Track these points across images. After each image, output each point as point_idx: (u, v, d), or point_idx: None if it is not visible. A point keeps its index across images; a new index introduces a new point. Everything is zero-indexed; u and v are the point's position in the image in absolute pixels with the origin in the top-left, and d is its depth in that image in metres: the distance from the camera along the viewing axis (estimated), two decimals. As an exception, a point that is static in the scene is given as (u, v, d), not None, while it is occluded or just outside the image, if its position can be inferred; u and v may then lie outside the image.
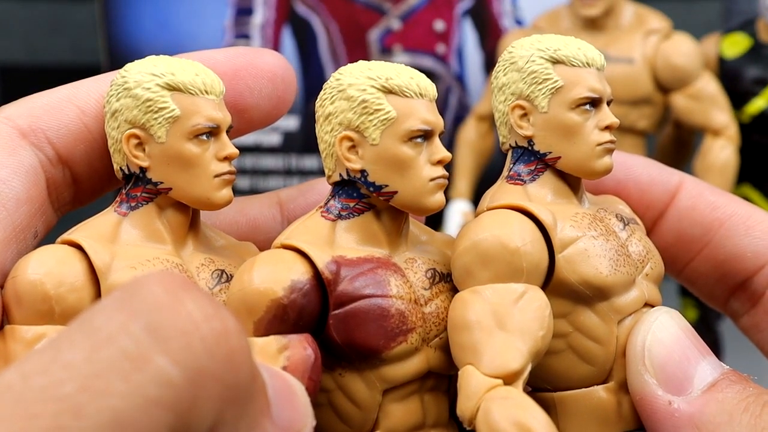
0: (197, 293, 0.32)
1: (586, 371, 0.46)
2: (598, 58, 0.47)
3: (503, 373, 0.41)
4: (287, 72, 0.53)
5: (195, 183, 0.46)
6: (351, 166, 0.45)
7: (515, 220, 0.44)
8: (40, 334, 0.43)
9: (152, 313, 0.31)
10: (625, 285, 0.45)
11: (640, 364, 0.44)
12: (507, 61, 0.48)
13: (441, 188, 0.46)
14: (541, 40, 0.47)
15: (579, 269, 0.44)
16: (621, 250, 0.46)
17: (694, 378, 0.43)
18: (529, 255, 0.43)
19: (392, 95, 0.45)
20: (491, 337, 0.42)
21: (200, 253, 0.48)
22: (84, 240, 0.45)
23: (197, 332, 0.31)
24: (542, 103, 0.46)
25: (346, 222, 0.46)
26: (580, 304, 0.45)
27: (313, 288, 0.44)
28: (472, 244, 0.44)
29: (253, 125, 0.53)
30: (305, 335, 0.43)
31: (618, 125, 0.47)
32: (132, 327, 0.31)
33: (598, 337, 0.45)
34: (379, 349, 0.43)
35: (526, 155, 0.47)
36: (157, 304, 0.31)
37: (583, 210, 0.47)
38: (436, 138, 0.46)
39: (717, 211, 0.53)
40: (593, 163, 0.47)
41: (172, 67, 0.46)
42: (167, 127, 0.45)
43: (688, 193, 0.53)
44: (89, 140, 0.49)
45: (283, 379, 0.40)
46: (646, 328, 0.45)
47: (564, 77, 0.46)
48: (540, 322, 0.43)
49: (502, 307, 0.43)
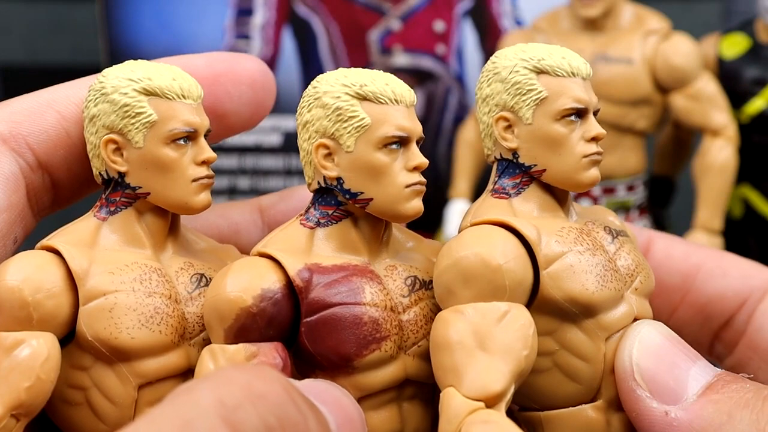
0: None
1: (574, 389, 0.45)
2: (583, 68, 0.46)
3: (484, 396, 0.40)
4: (266, 78, 0.53)
5: (173, 187, 0.46)
6: (327, 173, 0.45)
7: (497, 237, 0.43)
8: (19, 339, 0.43)
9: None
10: (613, 301, 0.44)
11: (630, 380, 0.43)
12: (490, 71, 0.46)
13: (418, 195, 0.45)
14: (525, 50, 0.46)
15: (564, 286, 0.43)
16: (609, 264, 0.44)
17: (687, 384, 0.43)
18: (512, 272, 0.42)
19: (367, 102, 0.45)
20: (472, 358, 0.41)
21: (180, 257, 0.48)
22: (62, 246, 0.45)
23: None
24: (526, 114, 0.45)
25: (325, 230, 0.46)
26: (566, 321, 0.44)
27: (285, 297, 0.44)
28: (453, 262, 0.43)
29: (232, 130, 0.53)
30: (276, 343, 0.43)
31: (605, 136, 0.46)
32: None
33: (584, 355, 0.44)
34: (351, 357, 0.43)
35: (511, 168, 0.46)
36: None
37: (570, 223, 0.45)
38: (413, 144, 0.45)
39: (691, 258, 0.54)
40: (579, 176, 0.45)
41: (149, 72, 0.46)
42: (145, 132, 0.45)
43: (660, 246, 0.54)
44: (69, 145, 0.49)
45: (345, 412, 0.41)
46: (630, 343, 0.44)
47: (548, 88, 0.45)
48: (523, 342, 0.41)
49: (484, 326, 0.42)
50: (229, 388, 0.35)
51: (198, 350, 0.46)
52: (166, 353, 0.45)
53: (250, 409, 0.35)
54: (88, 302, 0.44)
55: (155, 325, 0.44)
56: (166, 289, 0.45)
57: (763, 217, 1.15)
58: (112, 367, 0.44)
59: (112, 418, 0.45)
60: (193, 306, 0.46)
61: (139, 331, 0.44)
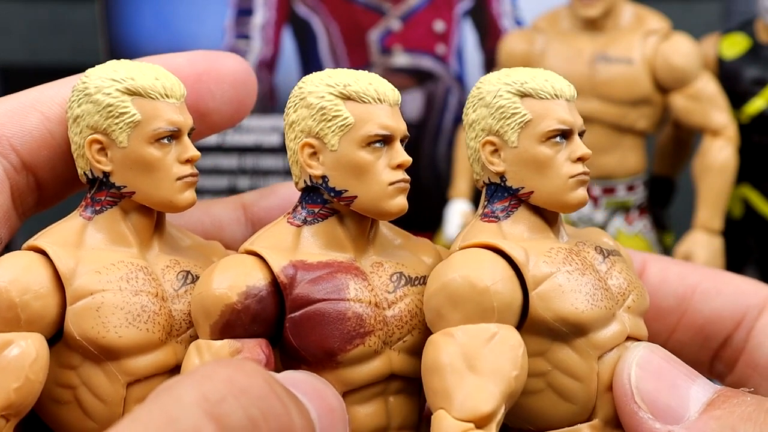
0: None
1: (568, 410, 0.45)
2: (567, 89, 0.46)
3: (474, 417, 0.40)
4: (248, 76, 0.53)
5: (157, 186, 0.46)
6: (312, 172, 0.46)
7: (485, 259, 0.44)
8: (7, 340, 0.43)
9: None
10: (604, 320, 0.44)
11: (631, 403, 0.43)
12: (475, 97, 0.47)
13: (402, 192, 0.46)
14: (509, 74, 0.47)
15: (553, 306, 0.43)
16: (598, 284, 0.44)
17: (688, 403, 0.43)
18: (500, 294, 0.43)
19: (350, 101, 0.45)
20: (462, 380, 0.41)
21: (165, 254, 0.48)
22: (48, 246, 0.45)
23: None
24: (512, 137, 0.45)
25: (311, 227, 0.46)
26: (557, 341, 0.44)
27: (270, 294, 0.44)
28: (442, 286, 0.43)
29: (214, 128, 0.54)
30: (260, 340, 0.44)
31: (590, 156, 0.46)
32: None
33: (577, 375, 0.44)
34: (335, 352, 0.44)
35: (499, 191, 0.46)
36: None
37: (560, 244, 0.46)
38: (397, 143, 0.46)
39: (686, 280, 0.54)
40: (566, 196, 0.46)
41: (132, 72, 0.46)
42: (128, 132, 0.46)
43: (654, 268, 0.55)
44: (53, 146, 0.49)
45: (325, 403, 0.41)
46: (628, 366, 0.44)
47: (532, 110, 0.45)
48: (513, 363, 0.42)
49: (473, 348, 0.42)
50: (211, 383, 0.36)
51: (185, 347, 0.46)
52: (153, 351, 0.45)
53: (234, 403, 0.35)
54: (75, 302, 0.44)
55: (142, 323, 0.45)
56: (153, 287, 0.46)
57: (763, 217, 1.15)
58: (101, 365, 0.45)
59: (101, 415, 0.45)
60: (180, 303, 0.47)
61: (127, 330, 0.44)
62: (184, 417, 0.34)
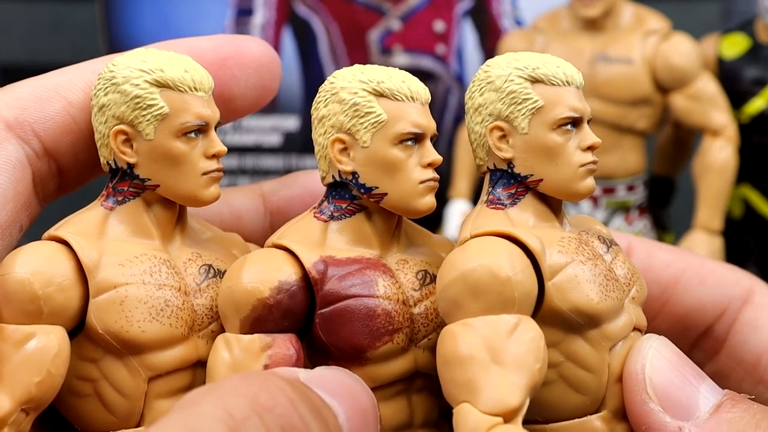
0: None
1: (579, 401, 0.44)
2: (577, 76, 0.46)
3: (502, 411, 0.40)
4: (273, 61, 0.52)
5: (183, 180, 0.46)
6: (342, 168, 0.45)
7: (503, 248, 0.42)
8: (29, 333, 0.43)
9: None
10: (615, 310, 0.44)
11: (642, 393, 0.43)
12: (483, 80, 0.46)
13: (431, 191, 0.46)
14: (519, 59, 0.46)
15: (570, 297, 0.42)
16: (609, 274, 0.44)
17: (698, 402, 0.43)
18: (521, 284, 0.42)
19: (383, 98, 0.45)
20: (487, 373, 0.40)
21: (187, 247, 0.47)
22: (71, 237, 0.44)
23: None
24: (522, 123, 0.45)
25: (338, 223, 0.46)
26: (571, 332, 0.43)
27: (301, 289, 0.44)
28: (461, 275, 0.42)
29: (237, 114, 0.53)
30: (290, 335, 0.44)
31: (600, 145, 0.46)
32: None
33: (590, 366, 0.44)
34: (364, 349, 0.43)
35: (505, 178, 0.46)
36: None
37: (567, 233, 0.45)
38: (428, 141, 0.46)
39: (670, 268, 0.54)
40: (576, 185, 0.45)
41: (161, 63, 0.45)
42: (155, 125, 0.45)
43: (640, 254, 0.54)
44: (75, 132, 0.48)
45: (357, 403, 0.41)
46: (642, 356, 0.44)
47: (544, 97, 0.45)
48: (536, 355, 0.41)
49: (496, 340, 0.41)
50: (236, 401, 0.36)
51: (207, 342, 0.46)
52: (176, 346, 0.45)
53: (257, 421, 0.35)
54: (98, 295, 0.44)
55: (165, 318, 0.44)
56: (176, 281, 0.45)
57: (763, 217, 1.15)
58: (122, 359, 0.44)
59: (121, 409, 0.45)
60: (202, 298, 0.46)
61: (150, 324, 0.44)
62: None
